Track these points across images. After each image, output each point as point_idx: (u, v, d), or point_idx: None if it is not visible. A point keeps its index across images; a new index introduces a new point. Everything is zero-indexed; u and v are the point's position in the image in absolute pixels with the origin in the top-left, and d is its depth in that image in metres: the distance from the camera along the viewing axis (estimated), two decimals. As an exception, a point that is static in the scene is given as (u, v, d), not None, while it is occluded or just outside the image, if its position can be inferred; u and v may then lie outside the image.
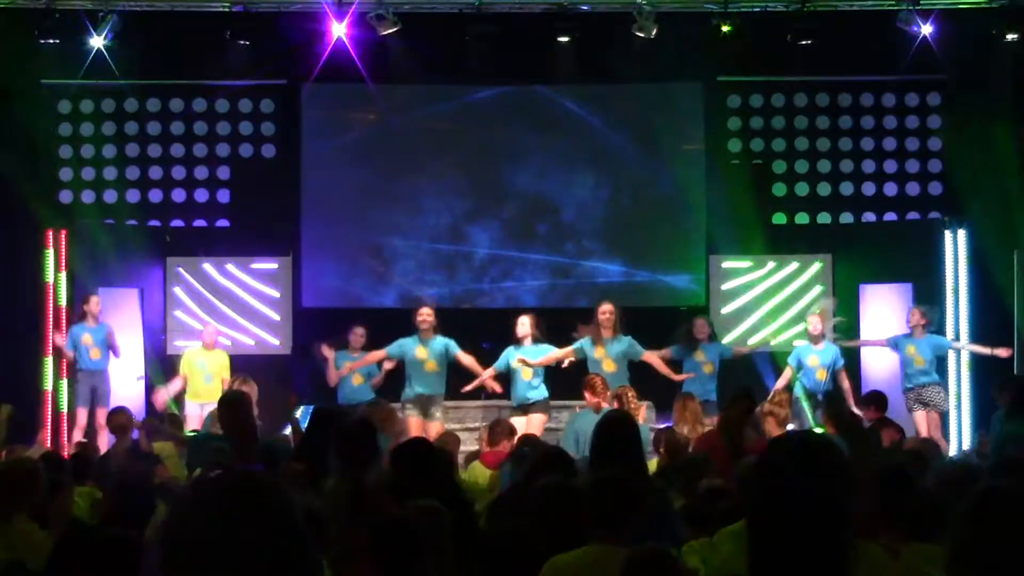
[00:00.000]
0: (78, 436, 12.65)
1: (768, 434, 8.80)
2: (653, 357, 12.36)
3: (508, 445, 9.23)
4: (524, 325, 12.30)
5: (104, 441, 12.04)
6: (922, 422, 12.59)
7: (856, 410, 10.93)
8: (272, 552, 2.03)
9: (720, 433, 8.58)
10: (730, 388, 12.69)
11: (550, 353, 12.23)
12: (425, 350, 12.37)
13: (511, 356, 12.25)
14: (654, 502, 5.15)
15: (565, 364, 12.35)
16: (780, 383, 12.65)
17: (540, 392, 12.22)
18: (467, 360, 12.38)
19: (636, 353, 12.21)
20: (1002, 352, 12.92)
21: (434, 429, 12.08)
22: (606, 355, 12.02)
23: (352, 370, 12.70)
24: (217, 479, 2.13)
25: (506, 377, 12.35)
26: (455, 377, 12.73)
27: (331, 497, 5.45)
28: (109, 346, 13.01)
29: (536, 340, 12.27)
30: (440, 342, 12.41)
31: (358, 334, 12.98)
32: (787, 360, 13.09)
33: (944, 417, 13.00)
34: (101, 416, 12.81)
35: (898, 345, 13.00)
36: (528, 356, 12.15)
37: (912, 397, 12.81)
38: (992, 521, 3.08)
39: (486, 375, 12.23)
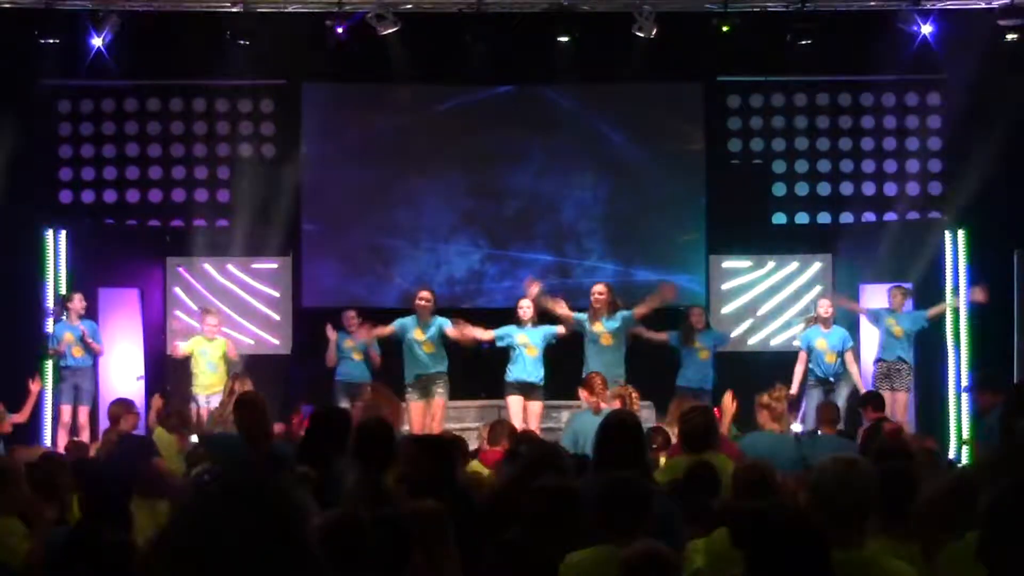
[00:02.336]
0: (62, 434, 12.72)
1: (761, 426, 8.86)
2: (639, 310, 12.53)
3: (508, 445, 9.21)
4: (527, 310, 12.49)
5: (86, 439, 12.16)
6: (888, 404, 12.70)
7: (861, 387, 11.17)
8: (274, 558, 2.02)
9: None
10: (729, 380, 12.80)
11: (558, 310, 12.53)
12: (422, 332, 12.55)
13: (513, 332, 12.43)
14: (656, 503, 5.14)
15: (562, 331, 12.54)
16: (798, 368, 13.06)
17: (541, 375, 12.34)
18: (454, 333, 12.48)
19: (631, 321, 12.45)
20: (978, 295, 13.12)
21: (438, 406, 12.20)
22: (604, 330, 12.29)
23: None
24: (219, 484, 2.12)
25: (504, 354, 12.54)
26: (456, 375, 12.77)
27: (350, 499, 5.40)
28: (87, 343, 13.07)
29: (536, 324, 12.54)
30: (436, 323, 12.58)
31: (350, 317, 13.33)
32: (799, 345, 13.37)
33: (908, 398, 13.14)
34: (83, 415, 12.89)
35: (878, 317, 13.29)
36: (528, 335, 12.40)
37: (881, 371, 13.00)
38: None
39: (484, 335, 12.48)
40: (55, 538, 5.31)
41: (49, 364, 13.23)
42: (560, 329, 12.56)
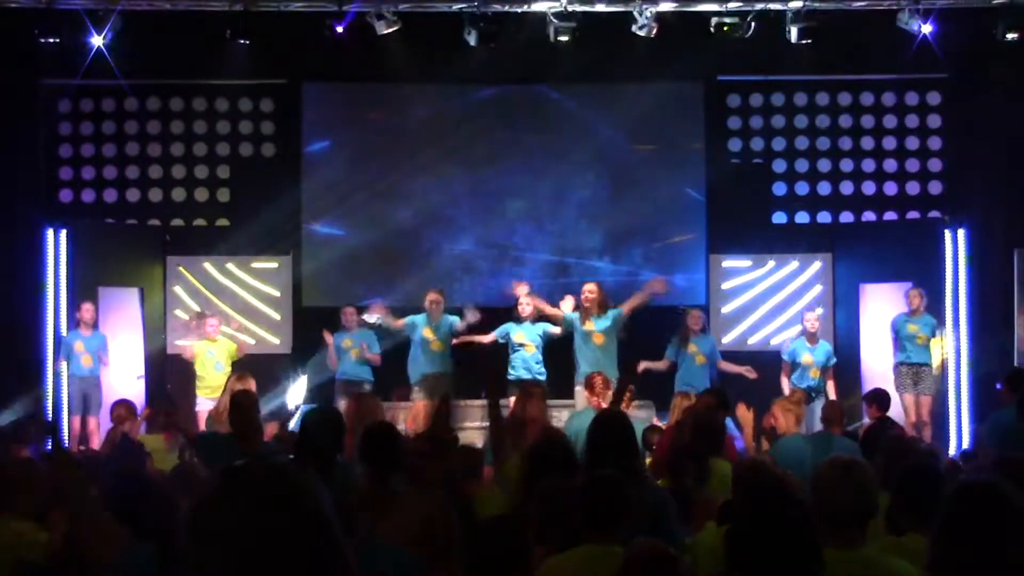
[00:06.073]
0: (71, 444, 12.68)
1: (786, 431, 8.80)
2: (629, 306, 12.47)
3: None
4: (527, 307, 12.63)
5: (96, 446, 12.12)
6: (912, 406, 12.81)
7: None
8: (301, 543, 2.02)
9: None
10: (729, 381, 12.76)
11: (547, 310, 12.66)
12: (431, 331, 12.77)
13: (511, 329, 12.59)
14: (652, 501, 5.13)
15: (557, 331, 12.62)
16: (784, 379, 13.04)
17: (543, 373, 12.38)
18: (462, 326, 12.80)
19: (621, 319, 12.36)
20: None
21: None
22: (595, 329, 12.26)
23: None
24: (244, 470, 2.11)
25: (505, 351, 12.60)
26: (457, 374, 12.79)
27: (360, 502, 5.37)
28: (100, 355, 13.07)
29: (535, 321, 12.67)
30: (447, 321, 12.81)
31: (348, 313, 13.43)
32: (785, 357, 13.29)
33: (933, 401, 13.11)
34: (92, 423, 12.86)
35: (898, 326, 13.17)
36: (525, 333, 12.53)
37: (907, 374, 12.93)
38: (968, 515, 3.08)
39: (484, 339, 12.65)
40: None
41: (49, 367, 13.24)
42: (556, 329, 12.59)
